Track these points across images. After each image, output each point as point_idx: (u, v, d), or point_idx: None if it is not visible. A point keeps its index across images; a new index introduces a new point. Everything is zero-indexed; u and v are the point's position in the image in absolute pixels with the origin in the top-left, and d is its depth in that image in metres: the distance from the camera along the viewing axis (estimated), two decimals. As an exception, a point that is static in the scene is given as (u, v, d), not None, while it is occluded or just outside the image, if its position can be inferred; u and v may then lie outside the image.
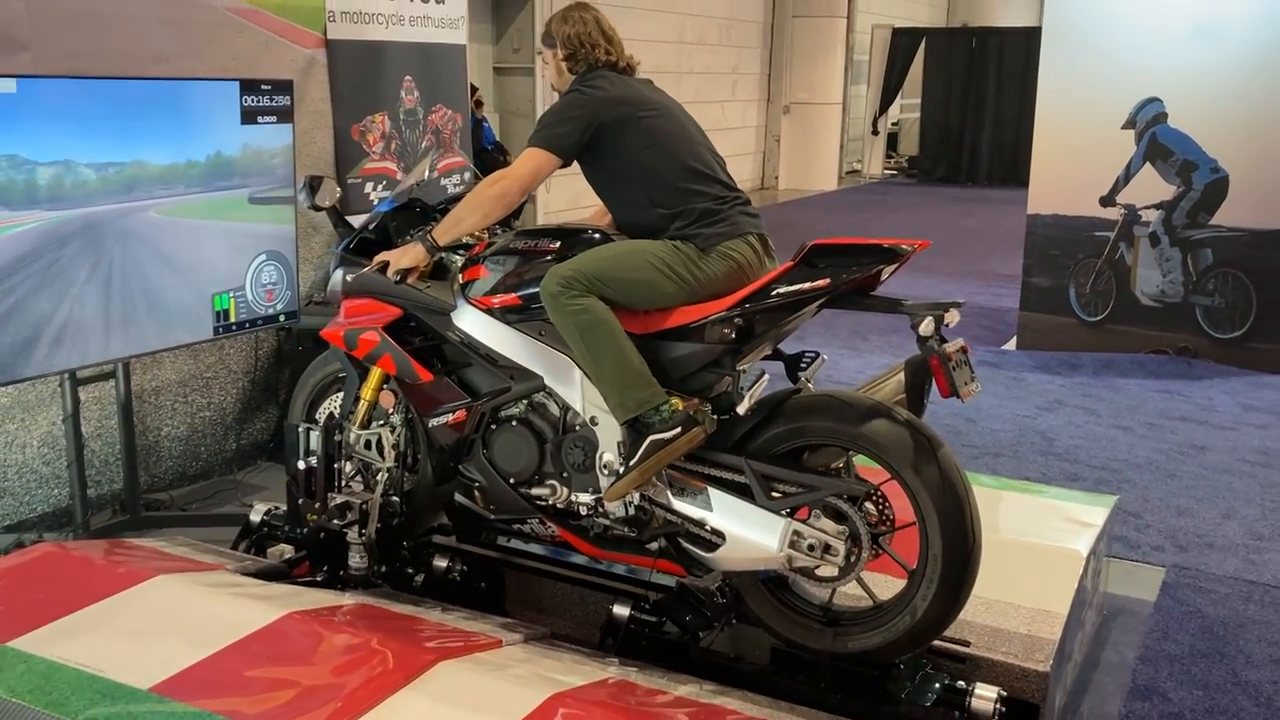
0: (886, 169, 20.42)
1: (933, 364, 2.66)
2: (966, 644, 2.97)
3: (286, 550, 3.68)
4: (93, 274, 3.81)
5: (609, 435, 2.97)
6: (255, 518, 3.74)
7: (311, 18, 5.08)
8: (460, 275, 3.21)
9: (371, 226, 3.44)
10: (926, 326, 2.65)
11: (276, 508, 3.76)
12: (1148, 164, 6.90)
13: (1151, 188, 6.92)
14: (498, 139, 11.10)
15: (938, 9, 24.03)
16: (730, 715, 2.63)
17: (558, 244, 3.06)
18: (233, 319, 4.33)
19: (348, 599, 3.10)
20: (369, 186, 5.48)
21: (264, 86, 4.31)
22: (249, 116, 4.26)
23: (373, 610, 3.02)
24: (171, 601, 2.86)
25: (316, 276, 5.27)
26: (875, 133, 19.63)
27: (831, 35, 17.67)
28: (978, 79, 18.28)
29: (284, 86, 4.40)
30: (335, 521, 3.29)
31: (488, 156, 8.60)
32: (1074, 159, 7.06)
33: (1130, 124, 6.88)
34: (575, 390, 3.01)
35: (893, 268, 2.77)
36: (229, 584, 3.07)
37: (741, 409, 2.82)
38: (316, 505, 3.31)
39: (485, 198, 3.02)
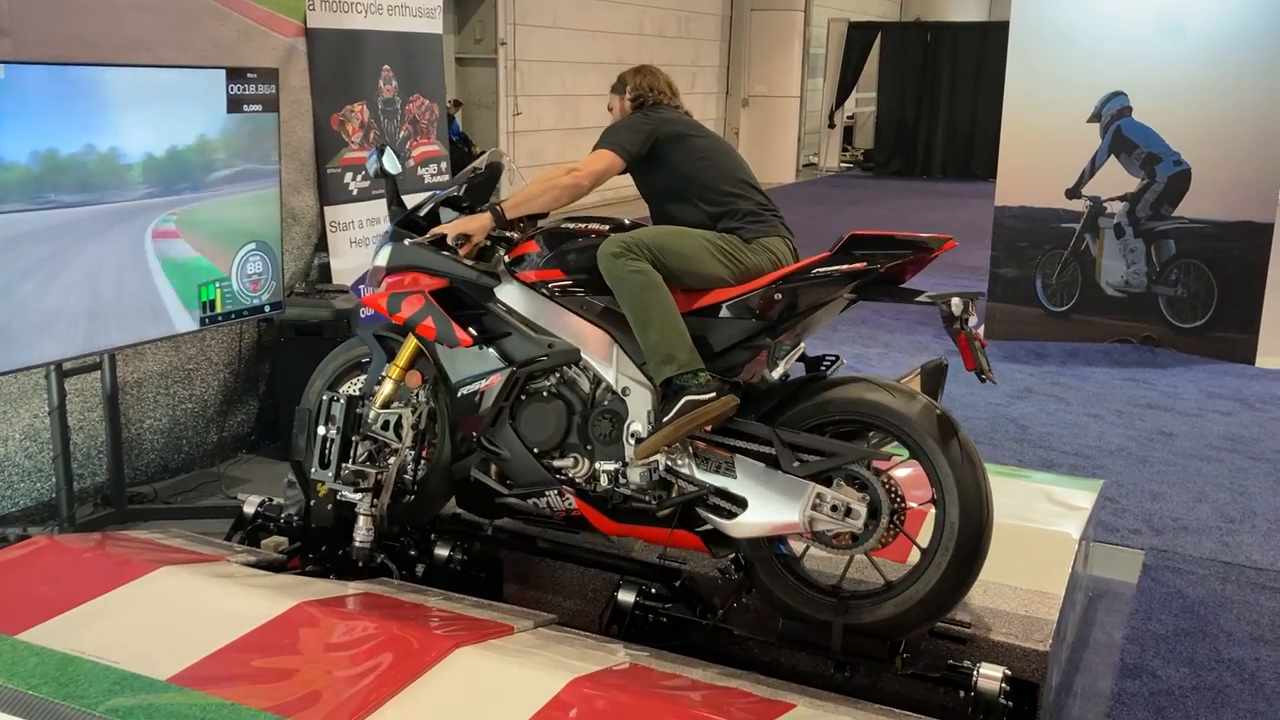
0: (843, 162, 20.58)
1: (960, 341, 2.82)
2: (967, 625, 3.03)
3: (281, 541, 3.66)
4: (78, 265, 3.76)
5: (639, 405, 3.09)
6: (249, 509, 3.72)
7: (292, 6, 5.03)
8: (506, 255, 3.34)
9: (424, 211, 3.51)
10: (956, 305, 2.81)
11: (270, 499, 3.75)
12: (1113, 157, 7.04)
13: (1116, 180, 7.07)
14: (462, 130, 11.05)
15: (891, 3, 24.24)
16: (742, 696, 2.67)
17: (606, 227, 3.24)
18: (219, 309, 4.29)
19: (355, 589, 3.09)
20: (348, 176, 5.44)
21: (249, 75, 4.28)
22: (234, 105, 4.22)
23: (382, 599, 3.02)
24: (180, 593, 2.84)
25: (297, 267, 5.23)
26: (832, 126, 19.76)
27: (789, 29, 17.80)
28: (932, 73, 18.48)
29: (269, 75, 4.37)
30: (348, 489, 3.29)
31: (453, 148, 8.56)
32: (1041, 152, 7.18)
33: (1095, 118, 7.02)
34: (610, 362, 3.14)
35: (922, 261, 2.90)
36: (235, 575, 3.04)
37: (775, 374, 2.97)
38: (330, 475, 3.30)
39: (559, 183, 3.27)
